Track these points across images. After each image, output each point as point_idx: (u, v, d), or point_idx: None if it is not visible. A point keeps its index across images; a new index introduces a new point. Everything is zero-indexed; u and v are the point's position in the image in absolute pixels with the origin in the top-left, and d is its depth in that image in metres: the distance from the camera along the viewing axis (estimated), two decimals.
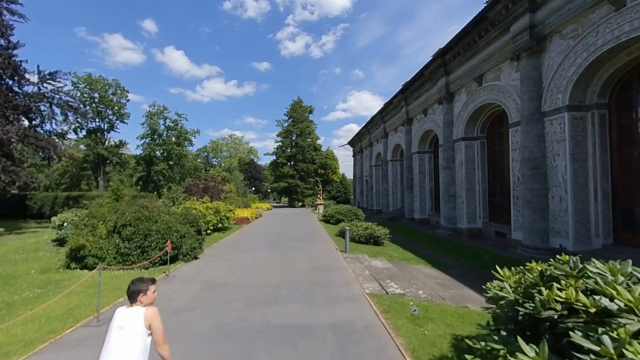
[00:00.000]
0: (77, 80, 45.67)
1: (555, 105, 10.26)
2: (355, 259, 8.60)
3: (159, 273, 7.00)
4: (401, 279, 6.98)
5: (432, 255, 10.98)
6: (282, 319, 4.60)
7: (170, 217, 8.05)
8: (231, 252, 9.59)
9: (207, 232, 12.59)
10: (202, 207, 13.08)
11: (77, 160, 50.87)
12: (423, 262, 9.66)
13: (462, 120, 15.98)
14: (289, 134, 46.19)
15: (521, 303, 2.50)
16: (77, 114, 16.93)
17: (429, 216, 21.34)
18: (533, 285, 2.68)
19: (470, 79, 14.99)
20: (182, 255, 7.95)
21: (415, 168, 22.11)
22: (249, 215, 19.90)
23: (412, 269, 8.48)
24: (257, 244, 11.22)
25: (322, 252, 9.72)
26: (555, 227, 10.33)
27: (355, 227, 12.18)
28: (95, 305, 4.71)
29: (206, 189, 21.18)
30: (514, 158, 12.29)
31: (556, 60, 10.22)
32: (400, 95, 23.17)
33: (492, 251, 11.73)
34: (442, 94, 17.39)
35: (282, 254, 9.39)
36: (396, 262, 9.21)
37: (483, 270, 9.12)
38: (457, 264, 9.77)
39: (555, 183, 10.36)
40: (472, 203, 15.74)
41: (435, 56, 17.02)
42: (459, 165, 16.38)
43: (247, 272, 7.32)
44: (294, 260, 8.43)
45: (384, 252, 10.56)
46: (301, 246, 10.80)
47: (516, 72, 12.06)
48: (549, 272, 2.68)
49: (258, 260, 8.56)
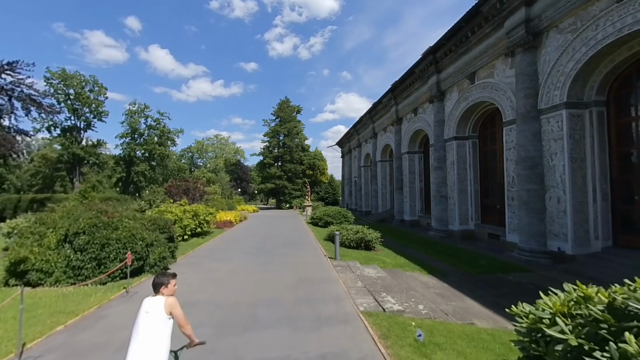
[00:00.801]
0: (51, 75, 43.09)
1: (553, 102, 9.84)
2: (346, 268, 7.80)
3: (118, 289, 5.97)
4: (397, 290, 6.23)
5: (427, 260, 10.35)
6: (258, 351, 3.74)
7: (135, 222, 7.00)
8: (207, 262, 8.57)
9: (184, 238, 11.51)
10: (178, 210, 11.95)
11: (51, 160, 47.96)
12: (418, 268, 8.99)
13: (453, 119, 15.54)
14: (277, 134, 45.10)
15: (588, 352, 1.75)
16: (41, 109, 15.37)
17: (419, 218, 20.88)
18: (597, 323, 1.92)
19: (462, 76, 14.56)
20: (149, 266, 6.92)
21: (405, 168, 21.63)
22: (233, 218, 18.79)
23: (408, 277, 7.77)
24: (238, 251, 10.25)
25: (310, 259, 8.87)
26: (553, 229, 9.90)
27: (345, 230, 11.41)
28: (27, 337, 3.71)
29: (187, 191, 19.92)
30: (509, 158, 11.86)
31: (553, 56, 9.81)
32: (390, 95, 22.67)
33: (487, 254, 11.23)
34: (433, 93, 16.93)
35: (265, 262, 8.48)
36: (390, 269, 8.49)
37: (481, 276, 8.54)
38: (453, 270, 9.16)
39: (552, 183, 9.93)
40: (464, 204, 15.30)
41: (426, 53, 16.56)
42: (450, 165, 15.93)
43: (222, 286, 6.38)
44: (277, 271, 7.55)
45: (376, 257, 9.82)
46: (286, 253, 9.91)
47: (511, 68, 11.65)
48: (623, 303, 1.93)
49: (237, 271, 7.62)
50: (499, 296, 6.77)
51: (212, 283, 6.48)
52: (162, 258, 7.11)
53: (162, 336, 2.32)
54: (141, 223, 7.20)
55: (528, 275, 8.69)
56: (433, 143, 17.06)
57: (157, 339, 2.28)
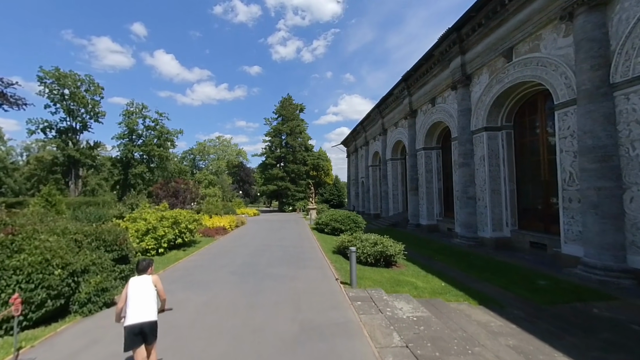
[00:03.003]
0: (44, 75, 41.52)
1: (635, 73, 7.43)
2: (368, 302, 5.46)
3: (6, 348, 3.72)
4: (456, 349, 3.90)
5: (467, 280, 7.98)
6: None
7: (61, 239, 4.77)
8: (175, 289, 6.12)
9: (159, 252, 9.28)
10: (153, 216, 9.69)
11: (45, 162, 46.31)
12: (463, 295, 6.64)
13: (483, 107, 13.15)
14: (279, 133, 42.88)
15: None
16: (5, 102, 13.33)
17: (437, 222, 18.44)
18: None
19: (495, 54, 12.20)
20: (80, 304, 4.68)
21: (421, 166, 19.23)
22: (227, 224, 16.53)
23: (458, 315, 5.42)
24: (221, 271, 7.91)
25: (316, 286, 6.50)
26: (637, 240, 7.46)
27: (360, 242, 9.08)
28: None
29: (177, 193, 17.73)
30: (564, 149, 9.44)
31: (635, 11, 7.42)
32: (402, 85, 20.33)
33: (540, 271, 8.82)
34: (456, 77, 14.57)
35: (253, 292, 6.15)
36: (427, 299, 6.15)
37: (554, 308, 6.18)
38: (509, 296, 6.79)
39: (635, 179, 7.51)
40: (498, 207, 12.88)
41: (448, 32, 14.21)
42: (479, 161, 13.53)
43: (180, 342, 4.07)
44: (268, 308, 5.21)
45: (403, 279, 7.47)
46: (284, 274, 7.55)
47: (565, 36, 9.28)
48: None
49: (210, 307, 5.25)
50: (605, 350, 4.42)
51: (165, 333, 4.14)
52: (102, 290, 4.85)
53: (153, 297, 3.22)
54: (72, 239, 4.98)
55: (617, 305, 6.30)
56: (457, 136, 14.67)
57: (151, 298, 3.19)
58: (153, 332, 3.06)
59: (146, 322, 3.00)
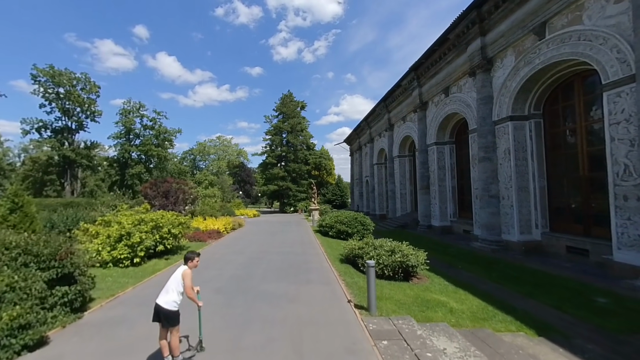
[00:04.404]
0: (38, 73, 40.33)
1: None
2: (397, 339, 3.87)
3: None
4: None
5: (504, 295, 6.51)
6: None
7: None
8: (136, 317, 4.56)
9: (134, 262, 7.83)
10: (129, 220, 8.21)
11: (40, 163, 45.13)
12: (511, 320, 5.15)
13: (508, 94, 11.63)
14: (279, 131, 41.38)
15: None
16: None
17: (452, 223, 16.92)
18: None
19: (524, 32, 10.69)
20: None
21: (433, 163, 17.70)
22: (221, 227, 15.06)
23: (520, 358, 3.91)
24: (204, 289, 5.90)
25: (324, 313, 4.88)
26: None
27: (373, 249, 7.57)
28: None
29: (167, 193, 16.30)
30: (616, 137, 7.91)
31: None
32: (412, 75, 18.80)
33: (592, 284, 7.29)
34: (475, 62, 13.05)
35: (240, 321, 4.53)
36: (470, 329, 4.65)
37: (632, 338, 4.69)
38: (568, 321, 5.31)
39: None
40: (525, 207, 11.34)
41: (466, 11, 12.69)
42: (503, 155, 12.00)
43: None
44: (259, 350, 3.73)
45: (432, 297, 5.96)
46: (283, 293, 5.96)
47: (617, 2, 7.75)
48: None
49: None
50: None
51: None
52: (24, 326, 3.40)
53: (175, 289, 3.41)
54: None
55: None
56: (476, 127, 13.15)
57: (172, 288, 3.41)
58: (167, 319, 3.31)
59: (161, 308, 3.33)
